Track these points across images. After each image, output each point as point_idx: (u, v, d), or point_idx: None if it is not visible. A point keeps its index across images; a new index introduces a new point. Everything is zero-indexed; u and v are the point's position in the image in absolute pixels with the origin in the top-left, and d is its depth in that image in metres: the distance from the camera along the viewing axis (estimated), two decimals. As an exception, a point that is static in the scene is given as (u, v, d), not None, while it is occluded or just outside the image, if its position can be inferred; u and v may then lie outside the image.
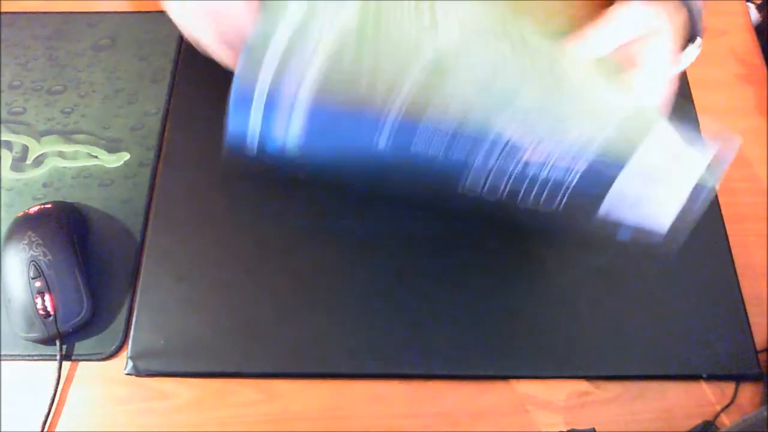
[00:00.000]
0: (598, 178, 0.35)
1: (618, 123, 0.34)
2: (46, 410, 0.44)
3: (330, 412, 0.45)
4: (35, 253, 0.46)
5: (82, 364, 0.46)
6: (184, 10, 0.42)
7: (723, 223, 0.50)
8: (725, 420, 0.44)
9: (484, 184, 0.36)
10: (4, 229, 0.48)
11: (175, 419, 0.45)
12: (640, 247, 0.43)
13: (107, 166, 0.53)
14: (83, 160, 0.54)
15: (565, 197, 0.36)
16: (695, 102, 0.55)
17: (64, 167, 0.53)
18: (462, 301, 0.47)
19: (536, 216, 0.50)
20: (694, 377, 0.45)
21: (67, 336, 0.46)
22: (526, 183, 0.36)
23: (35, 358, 0.46)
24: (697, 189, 0.36)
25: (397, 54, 0.33)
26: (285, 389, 0.45)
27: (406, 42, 0.33)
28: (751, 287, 0.48)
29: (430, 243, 0.49)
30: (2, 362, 0.46)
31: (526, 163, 0.35)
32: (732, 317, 0.47)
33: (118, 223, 0.51)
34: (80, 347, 0.47)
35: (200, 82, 0.57)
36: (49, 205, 0.49)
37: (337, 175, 0.36)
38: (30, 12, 0.61)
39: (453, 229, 0.50)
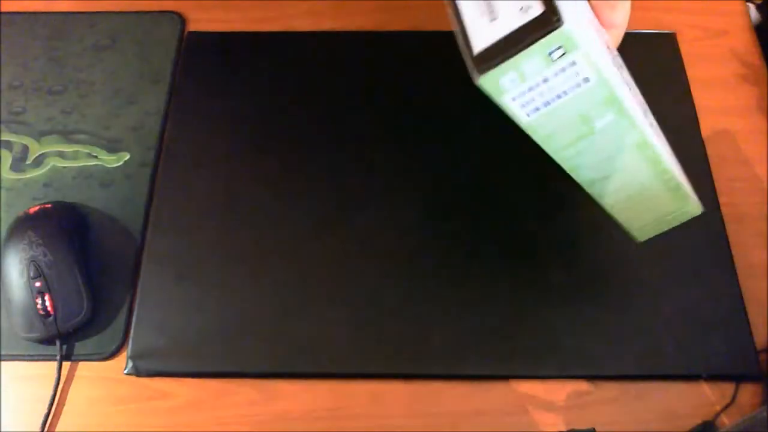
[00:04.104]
0: None
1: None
2: (46, 410, 0.44)
3: (330, 412, 0.45)
4: (35, 253, 0.46)
5: (82, 364, 0.46)
6: None
7: (723, 223, 0.50)
8: (725, 420, 0.44)
9: None
10: (4, 229, 0.48)
11: (175, 419, 0.45)
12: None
13: (107, 166, 0.53)
14: (83, 160, 0.54)
15: None
16: (695, 102, 0.55)
17: (64, 167, 0.53)
18: (462, 301, 0.47)
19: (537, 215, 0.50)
20: (694, 377, 0.45)
21: (67, 336, 0.46)
22: None
23: (35, 358, 0.46)
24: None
25: None
26: (285, 389, 0.45)
27: None
28: (751, 287, 0.48)
29: (430, 243, 0.49)
30: (2, 362, 0.46)
31: None
32: (732, 317, 0.47)
33: (118, 223, 0.51)
34: (80, 347, 0.47)
35: (200, 82, 0.57)
36: (49, 205, 0.49)
37: None
38: (30, 12, 0.61)
39: (453, 230, 0.50)
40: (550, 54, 0.30)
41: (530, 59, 0.30)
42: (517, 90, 0.32)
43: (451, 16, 0.34)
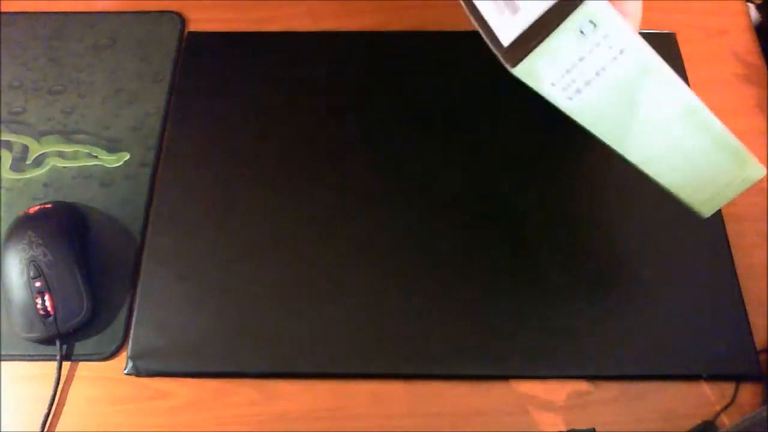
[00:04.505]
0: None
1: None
2: (46, 410, 0.44)
3: (330, 412, 0.45)
4: (35, 253, 0.46)
5: (82, 364, 0.46)
6: None
7: (723, 223, 0.50)
8: (725, 420, 0.44)
9: None
10: (4, 229, 0.48)
11: (175, 419, 0.45)
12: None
13: (107, 166, 0.53)
14: (83, 160, 0.54)
15: None
16: (695, 102, 0.55)
17: (64, 167, 0.53)
18: (462, 301, 0.47)
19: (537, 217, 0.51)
20: (694, 377, 0.45)
21: (67, 336, 0.46)
22: None
23: (35, 358, 0.46)
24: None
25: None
26: (285, 389, 0.45)
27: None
28: (751, 287, 0.48)
29: (430, 244, 0.49)
30: (2, 362, 0.46)
31: None
32: (732, 317, 0.47)
33: (118, 223, 0.51)
34: (80, 347, 0.47)
35: (200, 82, 0.57)
36: (49, 205, 0.49)
37: None
38: (30, 12, 0.61)
39: (453, 230, 0.50)
40: (581, 31, 0.30)
41: (562, 39, 0.30)
42: (554, 74, 0.32)
43: (470, 17, 0.34)
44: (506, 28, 0.31)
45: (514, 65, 0.31)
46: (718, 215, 0.50)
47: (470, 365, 0.46)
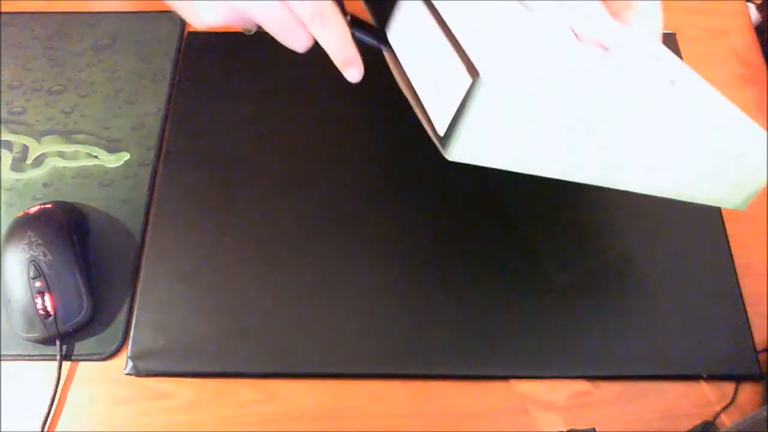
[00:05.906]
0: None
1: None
2: (46, 410, 0.44)
3: (330, 412, 0.45)
4: (35, 253, 0.46)
5: (82, 364, 0.46)
6: None
7: (723, 223, 0.50)
8: (725, 420, 0.44)
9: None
10: (4, 229, 0.48)
11: (175, 419, 0.45)
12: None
13: (107, 166, 0.53)
14: (83, 160, 0.54)
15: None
16: (695, 102, 0.55)
17: (64, 167, 0.53)
18: (462, 301, 0.47)
19: (537, 215, 0.51)
20: (694, 377, 0.45)
21: (67, 336, 0.46)
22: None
23: (35, 358, 0.46)
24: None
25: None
26: (285, 389, 0.45)
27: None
28: (751, 287, 0.48)
29: (430, 244, 0.49)
30: (2, 362, 0.46)
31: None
32: (732, 317, 0.47)
33: (118, 223, 0.51)
34: (80, 347, 0.47)
35: (200, 82, 0.57)
36: (49, 205, 0.49)
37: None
38: (30, 12, 0.61)
39: (453, 230, 0.50)
40: (501, 101, 0.27)
41: (481, 116, 0.28)
42: (493, 148, 0.29)
43: (417, 113, 0.31)
44: (436, 111, 0.30)
45: (448, 153, 0.29)
46: (718, 215, 0.50)
47: (470, 365, 0.46)
